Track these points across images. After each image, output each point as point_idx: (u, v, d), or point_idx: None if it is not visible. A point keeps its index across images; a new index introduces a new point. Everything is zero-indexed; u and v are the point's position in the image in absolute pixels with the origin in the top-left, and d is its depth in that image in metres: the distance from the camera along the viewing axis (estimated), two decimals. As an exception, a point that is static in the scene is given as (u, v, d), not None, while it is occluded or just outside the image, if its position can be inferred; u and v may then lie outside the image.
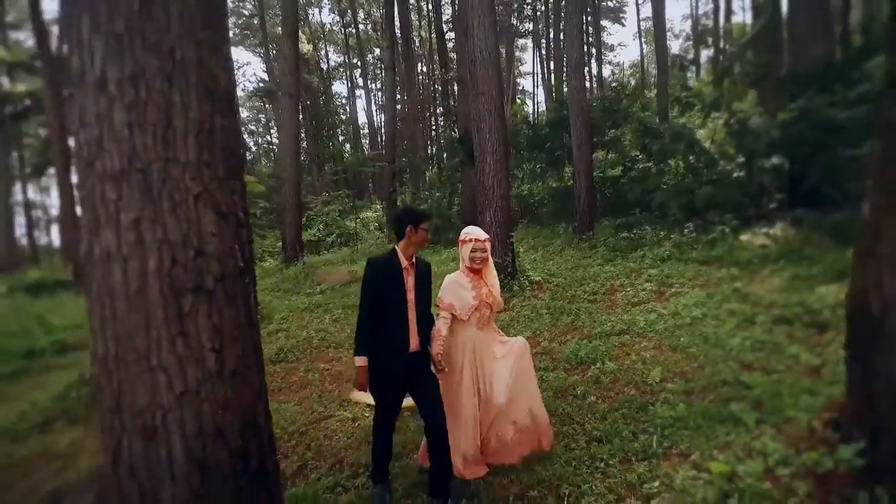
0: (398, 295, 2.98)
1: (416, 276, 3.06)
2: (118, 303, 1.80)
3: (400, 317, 2.98)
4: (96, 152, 1.76)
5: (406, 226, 3.02)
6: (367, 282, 3.00)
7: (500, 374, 3.21)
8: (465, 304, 3.13)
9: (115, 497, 1.89)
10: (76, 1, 1.76)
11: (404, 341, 2.98)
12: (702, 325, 5.31)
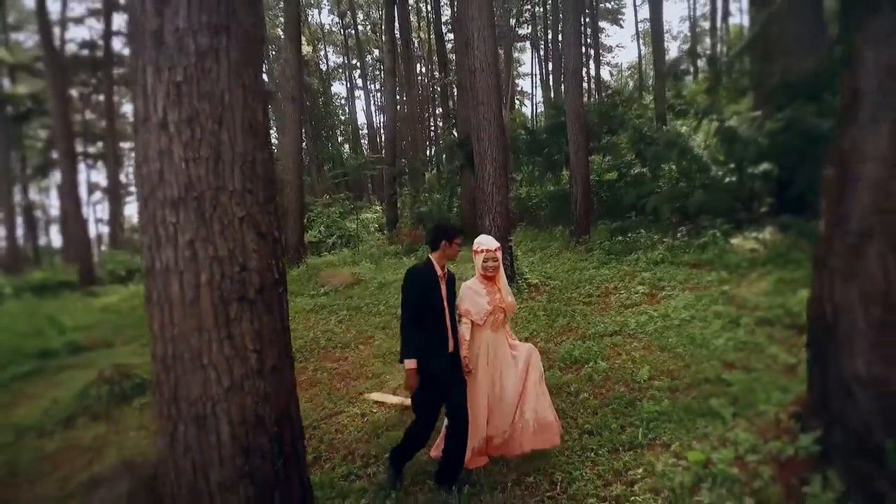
0: (437, 301, 3.26)
1: (448, 285, 3.37)
2: (175, 310, 2.12)
3: (439, 321, 3.26)
4: (158, 182, 2.09)
5: (441, 240, 3.33)
6: (410, 290, 3.26)
7: (510, 377, 3.51)
8: (481, 309, 3.40)
9: (170, 475, 2.21)
10: (141, 54, 2.08)
11: (444, 343, 3.26)
12: (689, 326, 5.64)
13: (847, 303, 2.60)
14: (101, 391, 6.18)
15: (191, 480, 2.17)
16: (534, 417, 3.49)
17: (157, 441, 2.29)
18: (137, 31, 2.08)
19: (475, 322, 3.42)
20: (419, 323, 3.21)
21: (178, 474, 2.18)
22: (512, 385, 3.50)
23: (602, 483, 3.15)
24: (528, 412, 3.50)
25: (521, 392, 3.53)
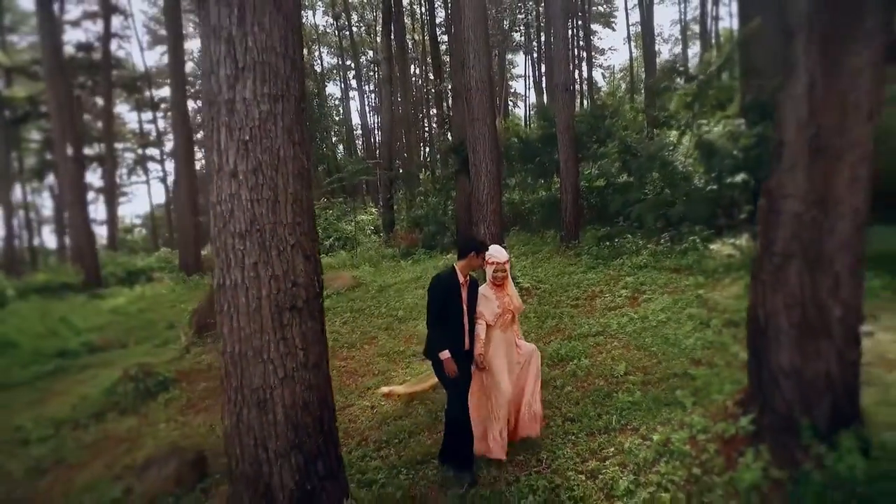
0: (457, 306, 3.79)
1: (469, 291, 3.91)
2: (241, 317, 2.73)
3: (458, 323, 3.79)
4: (229, 218, 2.70)
5: (471, 251, 3.84)
6: (434, 295, 3.78)
7: (514, 372, 4.02)
8: (492, 311, 3.92)
9: (235, 448, 2.82)
10: (217, 118, 2.68)
11: (461, 341, 3.80)
12: (665, 327, 6.28)
13: (774, 309, 3.24)
14: (127, 388, 6.74)
15: (253, 452, 2.77)
16: (528, 410, 4.08)
17: (224, 421, 2.89)
18: (213, 101, 2.68)
19: (488, 323, 3.91)
20: (443, 322, 3.74)
21: (242, 447, 2.78)
22: (516, 379, 4.04)
23: (580, 460, 3.78)
24: (533, 404, 4.07)
25: (524, 386, 4.08)
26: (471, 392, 3.92)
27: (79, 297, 16.05)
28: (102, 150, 32.03)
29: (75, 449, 5.47)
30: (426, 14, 43.04)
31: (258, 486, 2.76)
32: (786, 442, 3.15)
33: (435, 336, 3.77)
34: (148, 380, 6.88)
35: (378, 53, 54.58)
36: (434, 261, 13.38)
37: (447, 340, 3.72)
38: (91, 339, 10.18)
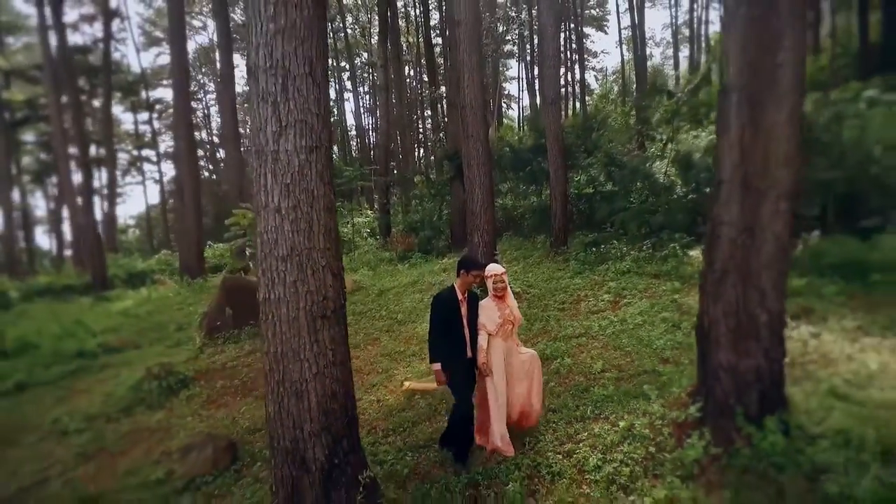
0: (457, 320, 4.36)
1: (469, 305, 4.46)
2: (283, 325, 3.42)
3: (459, 335, 4.35)
4: (273, 245, 3.39)
5: (461, 269, 4.44)
6: (436, 313, 4.35)
7: (520, 376, 4.61)
8: (494, 322, 4.46)
9: (277, 429, 3.51)
10: (264, 165, 3.37)
11: (463, 350, 4.39)
12: (640, 329, 7.01)
13: (715, 317, 3.97)
14: (151, 385, 7.41)
15: (291, 432, 3.47)
16: (530, 405, 4.68)
17: (267, 407, 3.58)
18: (261, 151, 3.37)
19: (490, 332, 4.46)
20: (446, 335, 4.30)
21: (283, 428, 3.48)
22: (522, 383, 4.61)
23: (558, 443, 4.49)
24: (535, 404, 4.70)
25: (529, 387, 4.66)
26: (476, 394, 4.54)
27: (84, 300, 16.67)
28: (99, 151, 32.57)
29: (113, 439, 6.14)
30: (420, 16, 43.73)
31: (296, 459, 3.46)
32: (723, 425, 3.88)
33: (433, 348, 4.33)
34: (170, 378, 7.55)
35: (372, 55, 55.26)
36: (430, 265, 14.07)
37: (444, 353, 4.27)
38: (107, 341, 10.81)
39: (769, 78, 3.57)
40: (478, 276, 4.48)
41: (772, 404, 3.86)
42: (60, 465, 5.67)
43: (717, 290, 3.95)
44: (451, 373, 4.32)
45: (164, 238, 44.55)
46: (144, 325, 12.35)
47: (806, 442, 3.70)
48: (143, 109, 45.97)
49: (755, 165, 3.69)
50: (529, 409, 4.71)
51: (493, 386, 4.43)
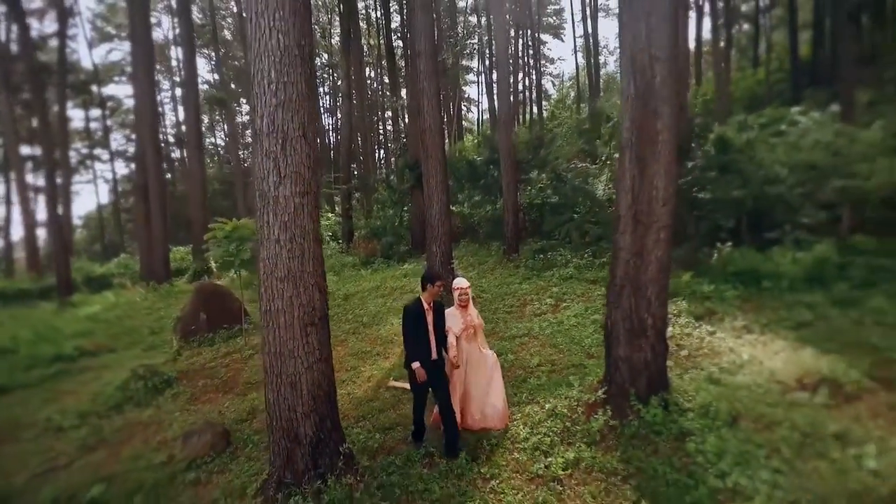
0: (423, 326, 5.09)
1: (434, 314, 5.19)
2: (281, 330, 4.43)
3: (426, 339, 5.08)
4: (273, 268, 4.40)
5: (427, 283, 5.25)
6: (406, 321, 5.13)
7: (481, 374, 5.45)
8: (458, 327, 5.41)
9: (276, 412, 4.51)
10: (266, 208, 4.37)
11: (428, 353, 5.19)
12: (574, 330, 8.26)
13: (616, 320, 5.20)
14: (137, 385, 8.18)
15: (287, 414, 4.48)
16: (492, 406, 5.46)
17: (267, 395, 4.57)
18: (264, 195, 4.37)
19: (455, 335, 5.37)
20: (415, 340, 5.08)
21: (280, 410, 4.49)
22: (481, 380, 5.46)
23: (498, 422, 5.63)
24: (492, 400, 5.46)
25: (488, 387, 5.48)
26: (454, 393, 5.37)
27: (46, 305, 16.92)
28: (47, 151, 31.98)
29: (110, 432, 6.94)
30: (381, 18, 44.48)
31: (290, 434, 4.47)
32: (620, 404, 5.11)
33: (408, 350, 5.10)
34: (155, 378, 8.33)
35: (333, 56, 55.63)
36: (392, 270, 15.10)
37: (418, 355, 5.03)
38: (82, 345, 11.37)
39: (651, 141, 4.81)
40: (441, 286, 5.33)
41: (656, 387, 5.12)
42: (65, 455, 6.45)
43: (617, 300, 5.19)
44: (433, 378, 5.10)
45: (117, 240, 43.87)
46: (117, 330, 12.91)
47: (678, 414, 4.97)
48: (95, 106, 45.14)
49: (642, 205, 4.93)
50: (492, 411, 5.43)
51: (459, 378, 5.40)
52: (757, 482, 3.97)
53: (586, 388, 5.83)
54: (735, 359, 6.31)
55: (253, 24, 4.35)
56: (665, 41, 4.72)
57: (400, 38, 44.68)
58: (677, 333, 7.31)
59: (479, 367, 5.46)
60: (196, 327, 10.76)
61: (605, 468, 4.46)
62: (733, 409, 4.94)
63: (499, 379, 5.54)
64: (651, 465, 4.37)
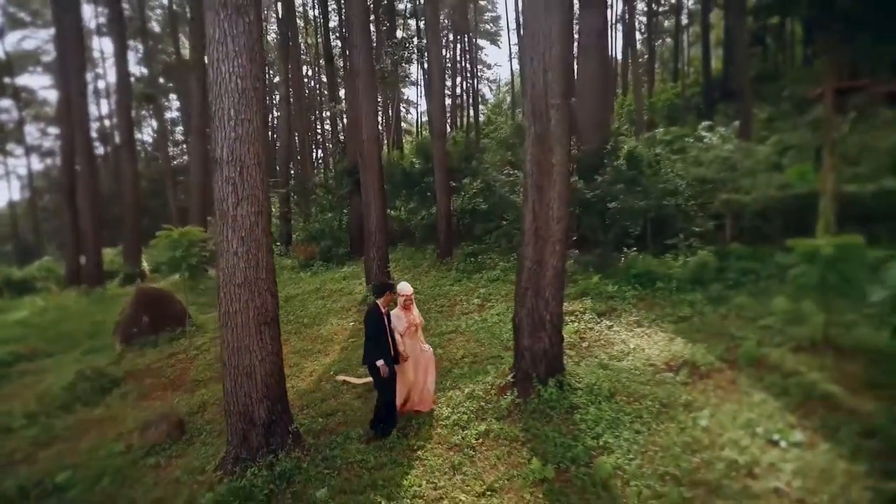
0: (383, 328, 5.92)
1: (388, 318, 6.15)
2: (238, 329, 5.29)
3: (386, 339, 5.98)
4: (232, 276, 5.24)
5: (385, 292, 6.21)
6: (369, 322, 5.95)
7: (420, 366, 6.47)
8: (403, 326, 6.34)
9: (233, 400, 5.35)
10: (225, 224, 5.21)
11: (389, 351, 6.05)
12: (496, 326, 9.43)
13: (521, 316, 6.36)
14: (84, 386, 8.66)
15: (243, 399, 5.33)
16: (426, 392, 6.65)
17: (225, 384, 5.39)
18: (224, 214, 5.20)
19: (400, 333, 6.31)
20: (377, 340, 5.85)
21: (238, 397, 5.33)
22: (419, 370, 6.49)
23: (426, 405, 6.68)
24: (427, 388, 6.60)
25: (425, 377, 6.58)
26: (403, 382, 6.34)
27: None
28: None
29: (63, 429, 7.46)
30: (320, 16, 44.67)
31: (246, 417, 5.32)
32: (525, 385, 6.26)
33: (373, 350, 5.82)
34: (102, 379, 8.83)
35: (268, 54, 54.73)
36: (332, 273, 15.87)
37: (382, 354, 5.81)
38: (17, 350, 11.50)
39: (547, 173, 5.99)
40: (394, 295, 6.37)
41: (553, 371, 6.32)
42: (21, 452, 6.95)
43: (522, 300, 6.35)
44: (378, 369, 5.89)
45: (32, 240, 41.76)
46: (51, 334, 13.00)
47: (570, 392, 6.18)
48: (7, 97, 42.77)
49: (541, 223, 6.11)
50: (425, 395, 6.52)
51: (404, 369, 6.32)
52: (621, 440, 5.21)
53: (499, 374, 6.98)
54: (624, 348, 7.65)
55: (214, 69, 5.18)
56: (559, 90, 5.91)
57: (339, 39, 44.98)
58: (581, 328, 8.63)
59: (419, 360, 6.47)
60: (138, 330, 11.18)
61: (509, 436, 5.60)
62: (613, 387, 6.20)
63: (432, 370, 6.63)
64: (544, 432, 5.53)
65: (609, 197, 12.37)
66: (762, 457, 4.67)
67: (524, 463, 5.09)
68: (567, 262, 12.70)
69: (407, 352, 6.32)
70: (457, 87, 53.01)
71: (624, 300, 9.76)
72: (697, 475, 4.55)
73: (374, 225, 11.39)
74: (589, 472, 4.77)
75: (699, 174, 13.59)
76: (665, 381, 6.40)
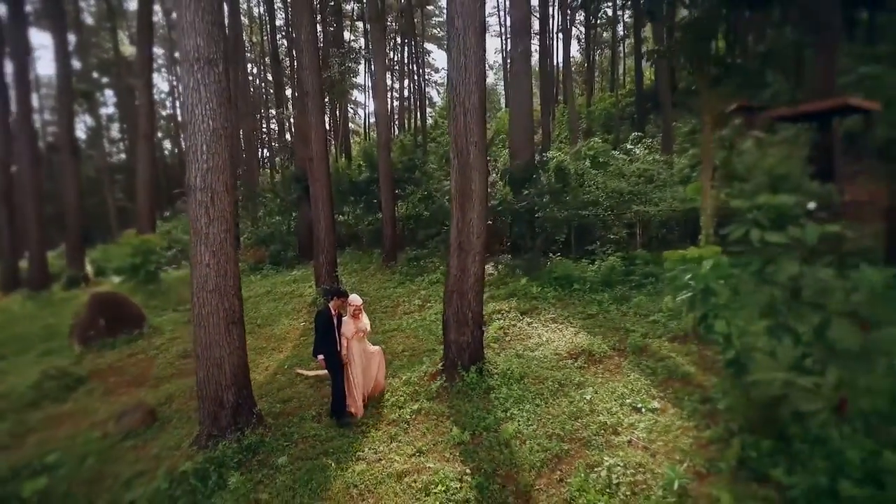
0: (331, 328, 7.00)
1: (338, 320, 7.31)
2: (210, 327, 6.45)
3: (333, 338, 7.21)
4: (204, 284, 6.40)
5: (334, 297, 7.38)
6: (319, 322, 7.15)
7: (370, 365, 7.82)
8: (351, 332, 7.45)
9: (205, 388, 6.50)
10: (198, 240, 6.35)
11: (336, 347, 7.22)
12: (433, 324, 10.78)
13: (449, 315, 7.76)
14: (51, 384, 9.46)
15: (214, 386, 6.48)
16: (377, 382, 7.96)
17: (198, 374, 6.51)
18: (197, 232, 6.34)
19: (348, 338, 7.43)
20: (324, 337, 7.06)
21: (209, 384, 6.48)
22: (369, 369, 7.70)
23: (369, 391, 7.98)
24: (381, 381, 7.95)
25: (377, 371, 7.87)
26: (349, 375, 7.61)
27: None
28: None
29: (36, 423, 8.31)
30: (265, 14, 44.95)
31: (216, 401, 6.47)
32: (451, 372, 7.67)
33: (318, 346, 7.08)
34: (66, 378, 9.64)
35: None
36: (282, 276, 16.86)
37: (324, 349, 7.00)
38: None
39: (468, 197, 7.41)
40: (343, 301, 7.50)
41: (475, 360, 7.75)
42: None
43: (449, 301, 7.75)
44: (329, 362, 7.18)
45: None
46: (1, 338, 13.45)
47: (488, 377, 7.62)
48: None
49: (464, 238, 7.53)
50: (379, 383, 7.82)
51: (351, 372, 7.46)
52: (523, 412, 6.67)
53: (432, 364, 8.36)
54: (538, 341, 9.17)
55: (188, 111, 6.31)
56: (477, 130, 7.34)
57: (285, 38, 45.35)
58: (505, 325, 10.12)
59: (369, 361, 7.66)
60: (95, 332, 11.92)
61: (437, 413, 6.97)
62: (523, 372, 7.69)
63: (383, 366, 7.91)
64: (465, 408, 6.94)
65: (537, 207, 14.00)
66: (625, 419, 6.23)
67: (447, 431, 6.47)
68: (499, 266, 14.32)
69: (354, 354, 7.42)
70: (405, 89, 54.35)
71: (545, 300, 11.34)
72: (576, 434, 6.05)
73: (324, 233, 12.56)
74: (496, 436, 6.20)
75: (617, 187, 15.45)
76: (565, 367, 7.94)
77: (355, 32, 50.00)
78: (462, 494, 5.18)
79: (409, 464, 5.85)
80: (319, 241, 12.61)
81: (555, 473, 5.41)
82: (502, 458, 5.74)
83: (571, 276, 11.99)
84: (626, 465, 5.28)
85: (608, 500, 4.83)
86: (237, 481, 5.64)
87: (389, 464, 5.91)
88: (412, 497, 5.26)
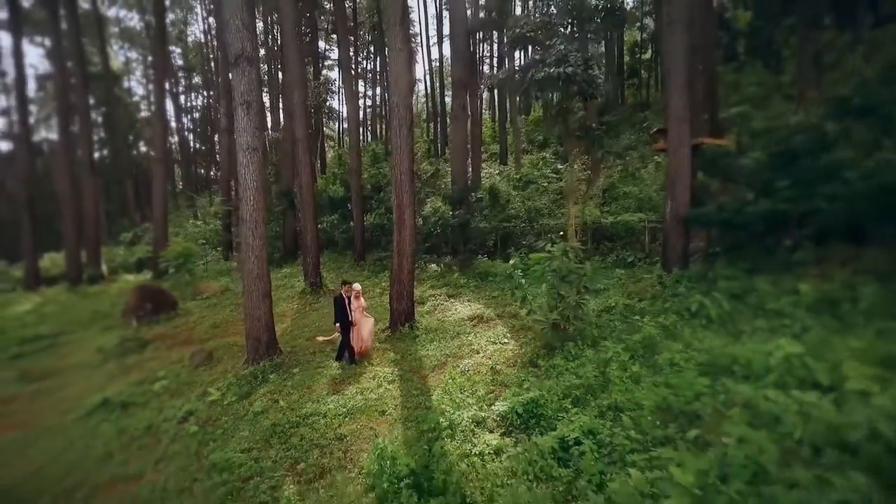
0: (344, 306, 12.63)
1: (347, 300, 12.97)
2: (253, 298, 12.00)
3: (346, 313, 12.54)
4: (251, 271, 11.94)
5: (344, 285, 12.90)
6: (338, 302, 12.46)
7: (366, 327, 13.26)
8: (355, 306, 13.03)
9: (250, 329, 12.03)
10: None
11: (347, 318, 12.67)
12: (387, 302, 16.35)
13: (392, 293, 13.36)
14: (129, 343, 14.82)
15: (255, 332, 12.00)
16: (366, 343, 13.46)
17: (246, 322, 12.01)
18: (247, 245, 11.86)
19: (353, 310, 12.98)
20: (341, 312, 12.55)
21: (252, 331, 11.99)
22: (364, 329, 13.25)
23: (344, 341, 13.58)
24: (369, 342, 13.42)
25: (368, 334, 13.36)
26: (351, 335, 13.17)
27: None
28: None
29: (131, 363, 13.68)
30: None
31: (257, 340, 11.95)
32: (395, 328, 13.31)
33: (336, 317, 12.38)
34: (138, 339, 14.99)
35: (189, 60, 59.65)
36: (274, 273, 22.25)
37: (342, 320, 12.37)
38: (43, 331, 17.18)
39: (402, 222, 13.05)
40: (350, 288, 13.11)
41: (408, 320, 13.38)
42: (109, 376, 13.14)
43: (393, 284, 13.37)
44: (343, 329, 12.60)
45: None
46: (63, 321, 18.66)
47: (417, 331, 13.24)
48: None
49: (401, 246, 13.15)
50: (369, 344, 13.17)
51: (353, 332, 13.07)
52: (431, 350, 12.28)
53: (384, 323, 13.95)
54: (454, 312, 14.80)
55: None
56: (408, 182, 12.95)
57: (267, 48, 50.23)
58: (436, 304, 15.74)
59: (365, 324, 13.11)
60: (143, 313, 17.24)
61: (384, 348, 12.55)
62: (438, 328, 13.31)
63: (371, 330, 13.38)
64: (400, 346, 12.53)
65: (470, 221, 19.71)
66: (485, 348, 11.89)
67: (389, 358, 12.07)
68: (441, 265, 19.98)
69: (357, 321, 12.98)
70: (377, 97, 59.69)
71: (467, 288, 17.02)
72: (455, 353, 11.68)
73: (310, 240, 18.03)
74: (413, 356, 11.83)
75: (534, 205, 21.28)
76: (464, 325, 13.59)
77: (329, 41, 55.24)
78: (391, 378, 10.80)
79: (368, 369, 11.46)
80: (307, 246, 18.04)
81: (440, 369, 11.08)
82: (415, 365, 11.40)
83: (489, 272, 17.72)
84: (476, 364, 10.96)
85: (460, 376, 10.49)
86: (273, 377, 11.20)
87: (359, 369, 11.53)
88: (368, 380, 10.86)
